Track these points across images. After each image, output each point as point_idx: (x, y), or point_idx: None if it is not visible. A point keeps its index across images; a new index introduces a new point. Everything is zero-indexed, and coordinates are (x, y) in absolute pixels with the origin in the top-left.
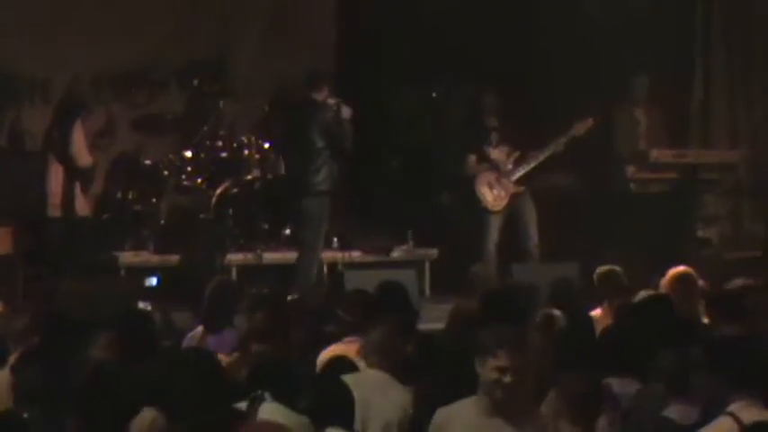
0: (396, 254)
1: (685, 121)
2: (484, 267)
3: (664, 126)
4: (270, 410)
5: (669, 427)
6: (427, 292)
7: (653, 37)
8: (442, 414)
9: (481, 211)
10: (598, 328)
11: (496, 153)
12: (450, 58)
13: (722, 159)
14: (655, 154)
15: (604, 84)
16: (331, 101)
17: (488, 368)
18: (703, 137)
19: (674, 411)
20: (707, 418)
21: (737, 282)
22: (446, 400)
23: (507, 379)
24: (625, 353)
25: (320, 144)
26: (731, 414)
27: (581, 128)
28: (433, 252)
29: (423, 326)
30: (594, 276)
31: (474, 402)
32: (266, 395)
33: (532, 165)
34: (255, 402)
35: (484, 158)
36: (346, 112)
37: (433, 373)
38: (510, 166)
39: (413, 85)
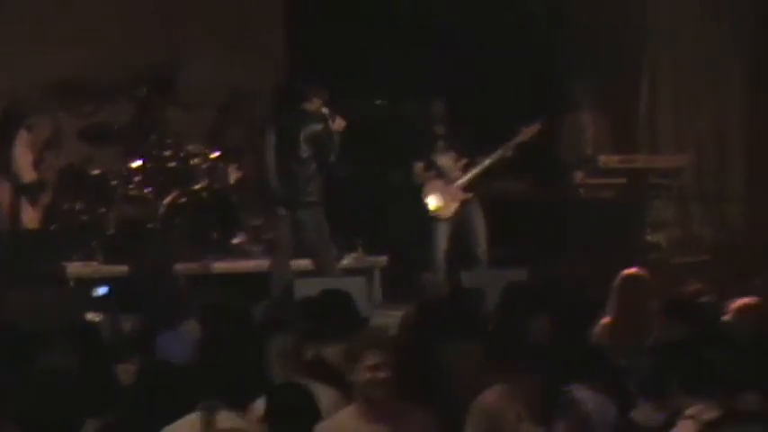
0: (345, 262)
1: (632, 127)
2: (434, 275)
3: (611, 132)
4: (228, 418)
5: (633, 430)
6: (378, 299)
7: (599, 42)
8: (321, 428)
9: (429, 219)
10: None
11: (444, 160)
12: (397, 67)
13: (670, 164)
14: (603, 159)
15: (551, 90)
16: (324, 111)
17: (361, 371)
18: (651, 142)
19: (639, 414)
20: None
21: (690, 285)
22: None
23: (382, 374)
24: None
25: (307, 154)
26: (691, 417)
27: (528, 133)
28: (383, 260)
29: None
30: (619, 281)
31: (352, 411)
32: (219, 404)
33: (480, 171)
34: (209, 412)
35: (431, 166)
36: (339, 124)
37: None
38: (457, 173)
39: (360, 95)
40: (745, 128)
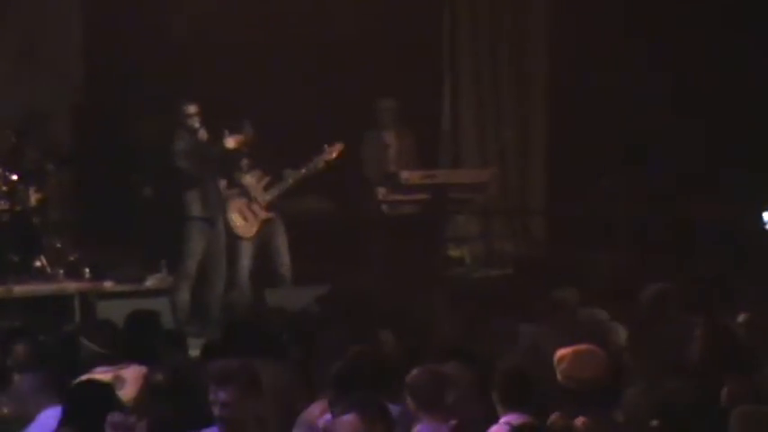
0: (149, 282)
1: (435, 142)
2: (239, 294)
3: (414, 148)
4: None
5: None
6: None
7: (401, 59)
8: None
9: (232, 238)
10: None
11: (248, 179)
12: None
13: (472, 179)
14: (405, 175)
15: (354, 108)
16: (193, 124)
17: (212, 401)
18: (453, 157)
19: (425, 429)
20: None
21: None
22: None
23: (217, 412)
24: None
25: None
26: (505, 423)
27: (332, 151)
28: None
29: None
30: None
31: None
32: None
33: (283, 189)
34: None
35: (234, 184)
36: (202, 134)
37: (176, 402)
38: (260, 191)
39: (161, 113)
40: (547, 142)
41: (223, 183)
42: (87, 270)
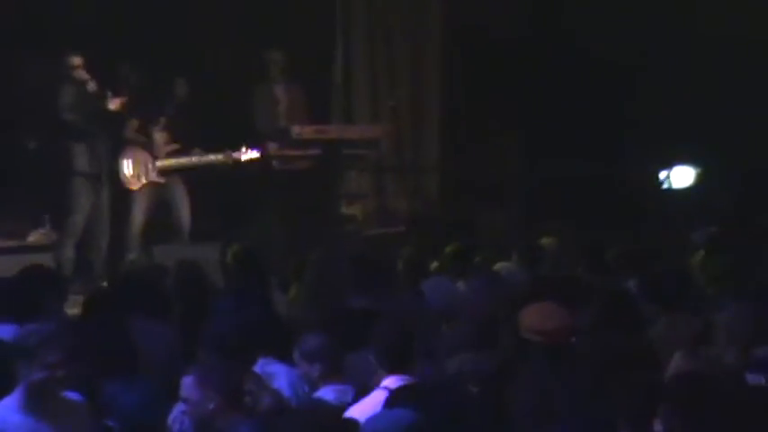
0: (32, 238)
1: (327, 97)
2: (128, 250)
3: (305, 103)
4: None
5: (324, 408)
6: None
7: (290, 9)
8: None
9: (122, 190)
10: None
11: (159, 136)
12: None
13: (364, 135)
14: (296, 130)
15: (244, 61)
16: (80, 76)
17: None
18: (345, 112)
19: (328, 392)
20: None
21: None
22: None
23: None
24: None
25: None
26: (385, 387)
27: (248, 155)
28: None
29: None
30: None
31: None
32: None
33: (182, 165)
34: None
35: (145, 133)
36: (91, 86)
37: None
38: (163, 154)
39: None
40: (442, 98)
41: (134, 124)
42: None
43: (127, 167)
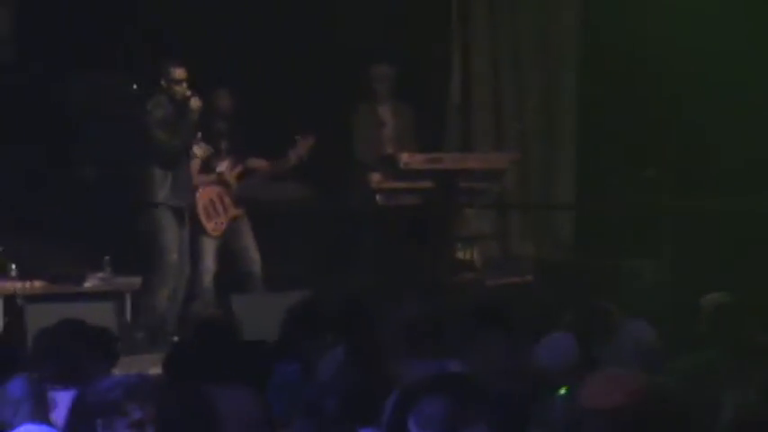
0: (89, 284)
1: (441, 120)
2: (201, 300)
3: (415, 126)
4: None
5: None
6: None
7: (399, 20)
8: None
9: (197, 233)
10: None
11: (224, 165)
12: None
13: (486, 165)
14: (404, 159)
15: (344, 77)
16: (181, 92)
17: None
18: (463, 138)
19: None
20: None
21: None
22: None
23: None
24: None
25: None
26: None
27: (304, 146)
28: (136, 281)
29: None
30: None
31: None
32: None
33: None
34: None
35: (209, 169)
36: (194, 103)
37: None
38: (234, 181)
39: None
40: (578, 123)
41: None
42: (13, 267)
43: (202, 212)
